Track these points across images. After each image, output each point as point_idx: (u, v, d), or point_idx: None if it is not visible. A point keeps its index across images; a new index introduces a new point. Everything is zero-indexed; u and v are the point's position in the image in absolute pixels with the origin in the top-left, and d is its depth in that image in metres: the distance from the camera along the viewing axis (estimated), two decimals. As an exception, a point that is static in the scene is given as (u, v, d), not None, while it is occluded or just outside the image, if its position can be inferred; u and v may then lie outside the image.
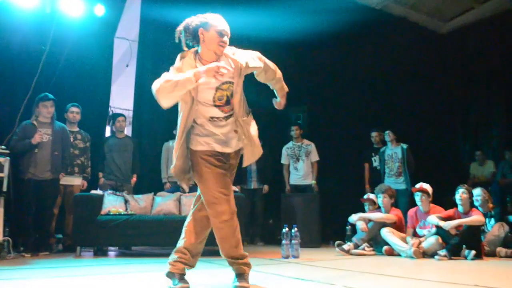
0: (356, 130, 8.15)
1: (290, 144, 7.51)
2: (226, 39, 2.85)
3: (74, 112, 6.03)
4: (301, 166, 7.38)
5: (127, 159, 6.39)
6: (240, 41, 3.16)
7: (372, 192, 6.46)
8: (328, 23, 7.52)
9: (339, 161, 8.08)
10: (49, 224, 5.53)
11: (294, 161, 7.42)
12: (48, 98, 5.48)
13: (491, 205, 5.67)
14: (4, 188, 4.76)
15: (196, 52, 2.91)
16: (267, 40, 7.49)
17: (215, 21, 2.86)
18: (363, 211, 6.14)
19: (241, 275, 2.90)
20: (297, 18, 7.59)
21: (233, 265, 2.93)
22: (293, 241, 5.01)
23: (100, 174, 6.30)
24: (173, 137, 6.86)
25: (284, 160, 7.49)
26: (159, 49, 7.20)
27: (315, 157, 7.39)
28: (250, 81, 3.11)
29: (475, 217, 5.08)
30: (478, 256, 4.87)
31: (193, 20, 2.89)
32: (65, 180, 5.78)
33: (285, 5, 7.47)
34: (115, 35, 7.48)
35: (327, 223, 7.21)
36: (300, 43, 7.91)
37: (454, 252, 4.91)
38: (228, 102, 2.86)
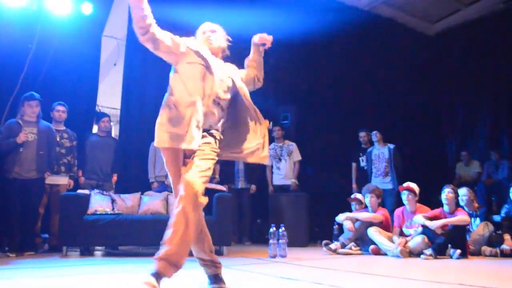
0: (344, 130, 8.18)
1: (272, 145, 7.53)
2: (209, 33, 2.96)
3: (60, 110, 5.98)
4: (283, 166, 7.40)
5: (109, 158, 6.32)
6: (233, 41, 3.16)
7: (359, 192, 6.50)
8: (316, 24, 7.53)
9: (326, 160, 8.11)
10: (35, 224, 5.47)
11: (277, 161, 7.44)
12: (34, 97, 5.44)
13: (476, 205, 5.75)
14: (-11, 187, 4.71)
15: None
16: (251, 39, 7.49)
17: (201, 27, 3.03)
18: (350, 210, 6.17)
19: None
20: (286, 18, 7.59)
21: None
22: (280, 241, 5.02)
23: (80, 173, 6.21)
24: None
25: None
26: (147, 49, 7.13)
27: (297, 156, 7.41)
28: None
29: (461, 217, 5.13)
30: (463, 255, 4.92)
31: None
32: (51, 179, 5.73)
33: (273, 6, 7.47)
34: (103, 34, 7.42)
35: (314, 222, 7.23)
36: (289, 43, 7.91)
37: (439, 251, 4.95)
38: None
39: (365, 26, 8.29)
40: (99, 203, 5.28)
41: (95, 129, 6.80)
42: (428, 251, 4.92)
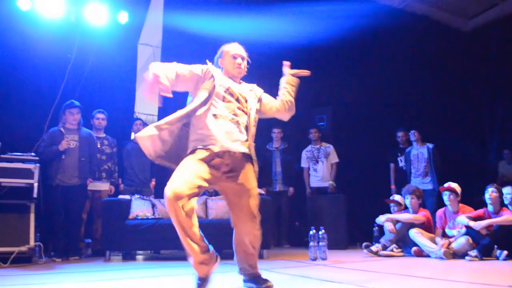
0: (381, 130, 8.08)
1: (309, 147, 7.52)
2: (240, 61, 3.08)
3: (100, 118, 6.11)
4: (320, 168, 7.36)
5: (145, 163, 6.34)
6: (262, 47, 3.21)
7: (398, 193, 6.40)
8: (350, 25, 7.49)
9: (364, 161, 8.02)
10: (78, 229, 5.60)
11: (314, 163, 7.41)
12: (74, 105, 5.57)
13: (522, 204, 5.57)
14: (35, 195, 4.84)
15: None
16: (287, 45, 7.51)
17: (229, 47, 3.11)
18: (389, 212, 6.08)
19: None
20: (320, 21, 7.58)
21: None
22: (320, 243, 4.99)
23: (120, 180, 6.30)
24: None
25: (304, 163, 7.48)
26: (182, 55, 7.25)
27: (334, 158, 7.37)
28: (271, 84, 3.15)
29: (506, 217, 4.98)
30: (510, 257, 4.75)
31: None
32: (93, 185, 5.85)
33: (306, 11, 7.47)
34: (139, 42, 7.56)
35: (353, 224, 7.15)
36: (322, 46, 7.89)
37: (485, 253, 4.81)
38: None
39: (399, 25, 8.18)
40: (140, 208, 5.36)
41: (132, 136, 6.92)
42: (473, 253, 4.79)
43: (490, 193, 5.24)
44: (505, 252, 4.73)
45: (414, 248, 5.34)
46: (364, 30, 7.55)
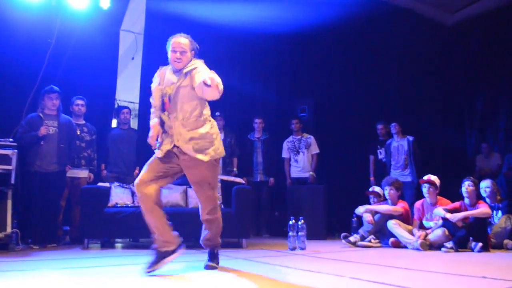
0: (362, 122, 8.12)
1: (290, 137, 7.53)
2: (178, 55, 3.28)
3: (79, 104, 6.03)
4: (301, 159, 7.39)
5: (131, 151, 6.33)
6: (243, 35, 3.20)
7: (377, 185, 6.45)
8: (332, 15, 7.49)
9: (344, 153, 8.07)
10: (56, 216, 5.53)
11: (294, 154, 7.43)
12: (53, 90, 5.48)
13: (499, 197, 5.68)
14: (12, 181, 4.77)
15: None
16: (270, 33, 7.49)
17: (169, 41, 3.35)
18: (368, 203, 6.14)
19: None
20: (300, 10, 7.56)
21: None
22: (299, 233, 5.02)
23: (103, 166, 6.27)
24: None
25: (284, 153, 7.50)
26: (165, 42, 7.17)
27: (315, 149, 7.39)
28: (258, 76, 3.15)
29: (482, 209, 5.08)
30: (484, 248, 4.85)
31: None
32: (72, 172, 5.79)
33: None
34: (121, 28, 7.46)
35: (332, 215, 7.20)
36: (304, 36, 7.88)
37: (460, 244, 4.89)
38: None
39: (382, 16, 8.19)
40: (119, 196, 5.33)
41: (114, 123, 6.85)
42: (449, 244, 4.87)
43: (466, 186, 5.33)
44: (480, 244, 4.82)
45: (391, 239, 5.40)
46: (347, 20, 7.55)
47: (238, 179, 6.03)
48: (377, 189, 6.26)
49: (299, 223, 5.06)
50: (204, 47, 3.47)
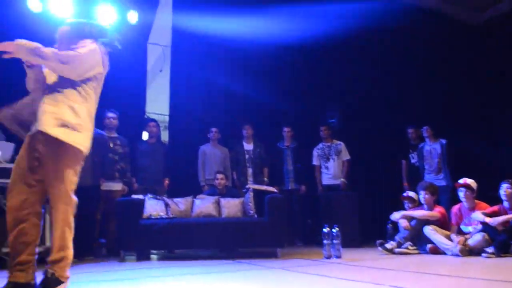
0: (392, 127, 8.02)
1: (320, 144, 7.48)
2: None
3: (111, 117, 6.11)
4: (331, 166, 7.33)
5: (159, 164, 6.41)
6: (272, 47, 3.18)
7: (411, 190, 6.35)
8: (359, 21, 7.46)
9: (375, 159, 7.98)
10: (93, 230, 5.61)
11: (325, 161, 7.37)
12: (86, 105, 5.56)
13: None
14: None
15: None
16: (298, 45, 7.50)
17: None
18: (403, 209, 6.04)
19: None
20: (329, 18, 7.56)
21: None
22: (334, 241, 4.96)
23: (134, 180, 6.34)
24: (208, 140, 6.91)
25: (315, 161, 7.44)
26: (191, 53, 7.28)
27: (345, 155, 7.33)
28: (286, 86, 3.13)
29: (523, 213, 4.94)
30: (527, 253, 4.72)
31: None
32: (106, 185, 5.85)
33: (315, 9, 7.46)
34: (148, 41, 7.57)
35: (366, 222, 7.11)
36: (333, 43, 7.85)
37: (502, 249, 4.75)
38: None
39: (409, 20, 8.13)
40: (153, 208, 5.37)
41: (145, 136, 6.93)
42: (490, 249, 4.74)
43: (505, 189, 5.20)
44: (522, 249, 4.69)
45: (429, 246, 5.29)
46: (374, 26, 7.51)
47: (270, 188, 6.01)
48: (411, 194, 6.16)
49: (334, 230, 5.00)
50: (233, 59, 3.48)
